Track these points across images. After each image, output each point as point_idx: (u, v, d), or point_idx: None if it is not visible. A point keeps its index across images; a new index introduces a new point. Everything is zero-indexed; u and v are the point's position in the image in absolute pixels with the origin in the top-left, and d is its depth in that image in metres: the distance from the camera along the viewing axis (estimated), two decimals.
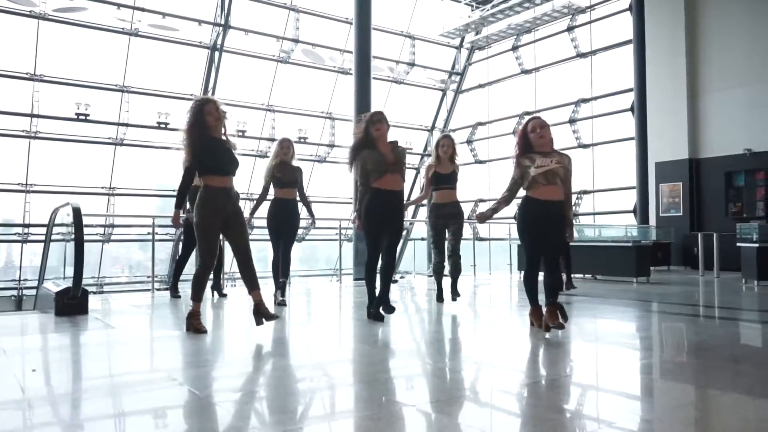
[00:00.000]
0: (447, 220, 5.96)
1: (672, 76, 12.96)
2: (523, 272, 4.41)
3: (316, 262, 20.54)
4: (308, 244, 18.54)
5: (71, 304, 4.77)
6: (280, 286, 6.02)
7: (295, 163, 6.24)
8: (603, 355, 3.91)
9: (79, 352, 3.99)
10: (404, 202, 5.07)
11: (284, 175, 6.02)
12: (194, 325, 4.22)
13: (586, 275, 9.68)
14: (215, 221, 4.12)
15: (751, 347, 4.35)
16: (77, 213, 4.76)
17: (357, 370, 3.39)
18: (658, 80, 13.31)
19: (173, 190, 16.87)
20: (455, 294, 6.00)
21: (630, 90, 14.48)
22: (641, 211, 13.77)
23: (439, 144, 6.06)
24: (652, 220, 13.29)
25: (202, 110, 4.18)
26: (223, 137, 4.28)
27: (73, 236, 5.30)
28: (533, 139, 4.18)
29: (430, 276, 10.21)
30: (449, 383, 3.12)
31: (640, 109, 13.89)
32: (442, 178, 5.96)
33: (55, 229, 6.44)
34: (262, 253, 13.69)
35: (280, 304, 5.89)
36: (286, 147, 6.13)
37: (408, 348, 4.11)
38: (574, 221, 4.33)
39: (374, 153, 4.72)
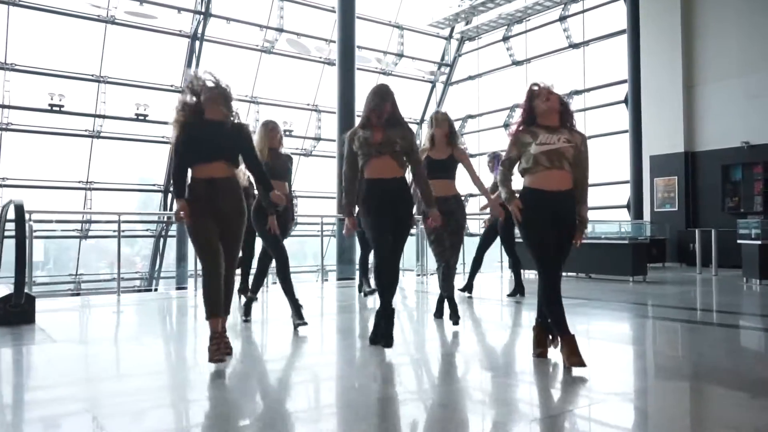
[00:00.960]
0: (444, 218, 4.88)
1: (667, 67, 12.57)
2: (539, 289, 3.37)
3: (305, 257, 20.07)
4: (295, 239, 18.08)
5: (14, 312, 4.26)
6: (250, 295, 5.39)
7: (283, 150, 5.15)
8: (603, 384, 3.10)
9: None
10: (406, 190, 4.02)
11: (274, 164, 4.83)
12: (211, 351, 3.31)
13: (580, 274, 9.28)
14: (202, 219, 3.46)
15: None
16: (19, 210, 4.24)
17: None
18: (653, 71, 12.91)
19: (156, 185, 16.52)
20: (455, 317, 4.72)
21: (624, 81, 14.09)
22: (635, 206, 13.40)
23: (432, 121, 4.95)
24: (647, 216, 12.92)
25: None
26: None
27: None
28: (537, 106, 3.37)
29: (419, 275, 9.82)
30: None
31: (634, 100, 13.49)
32: (437, 165, 4.78)
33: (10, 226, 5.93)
34: None
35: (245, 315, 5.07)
36: (273, 130, 5.02)
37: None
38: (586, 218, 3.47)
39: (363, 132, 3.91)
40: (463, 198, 5.09)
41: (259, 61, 15.99)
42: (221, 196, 3.47)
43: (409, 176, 4.08)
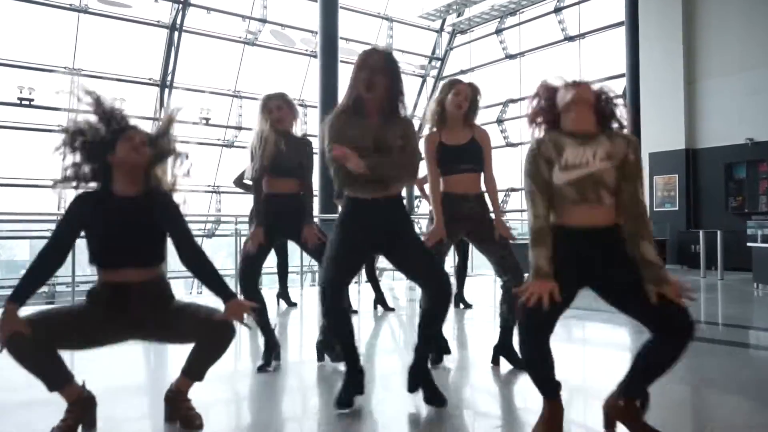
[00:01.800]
0: (461, 226, 3.36)
1: (667, 61, 12.03)
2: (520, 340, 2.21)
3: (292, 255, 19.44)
4: None
5: None
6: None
7: (298, 133, 3.72)
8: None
9: None
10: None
11: (280, 155, 3.44)
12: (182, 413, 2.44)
13: None
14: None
15: None
16: None
17: None
18: (653, 65, 12.37)
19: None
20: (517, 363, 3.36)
21: (621, 76, 13.53)
22: None
23: (446, 91, 3.36)
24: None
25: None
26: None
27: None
28: (560, 101, 2.30)
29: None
30: None
31: (632, 96, 12.93)
32: (454, 152, 3.34)
33: None
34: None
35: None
36: (277, 108, 3.49)
37: None
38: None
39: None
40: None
41: (242, 54, 15.34)
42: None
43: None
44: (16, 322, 2.19)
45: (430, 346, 2.88)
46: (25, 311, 2.28)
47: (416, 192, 7.74)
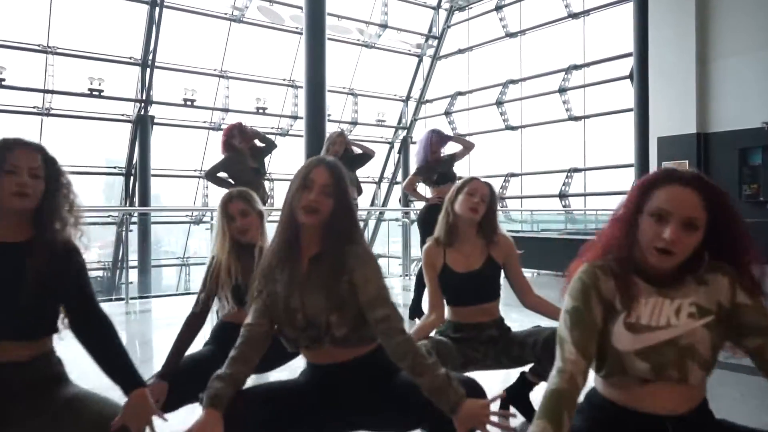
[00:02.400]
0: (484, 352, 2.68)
1: (679, 39, 11.29)
2: None
3: None
4: None
5: None
6: None
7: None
8: None
9: None
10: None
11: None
12: None
13: None
14: None
15: None
16: None
17: None
18: (663, 43, 11.64)
19: (117, 167, 15.05)
20: None
21: (629, 55, 12.77)
22: None
23: (457, 192, 2.60)
24: None
25: None
26: None
27: None
28: (650, 209, 1.39)
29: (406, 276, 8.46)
30: None
31: (640, 76, 12.23)
32: (465, 282, 2.62)
33: None
34: None
35: None
36: (240, 214, 2.52)
37: None
38: None
39: None
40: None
41: (228, 31, 14.53)
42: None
43: None
44: None
45: None
46: None
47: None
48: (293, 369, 2.33)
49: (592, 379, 1.48)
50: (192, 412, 2.01)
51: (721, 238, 1.41)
